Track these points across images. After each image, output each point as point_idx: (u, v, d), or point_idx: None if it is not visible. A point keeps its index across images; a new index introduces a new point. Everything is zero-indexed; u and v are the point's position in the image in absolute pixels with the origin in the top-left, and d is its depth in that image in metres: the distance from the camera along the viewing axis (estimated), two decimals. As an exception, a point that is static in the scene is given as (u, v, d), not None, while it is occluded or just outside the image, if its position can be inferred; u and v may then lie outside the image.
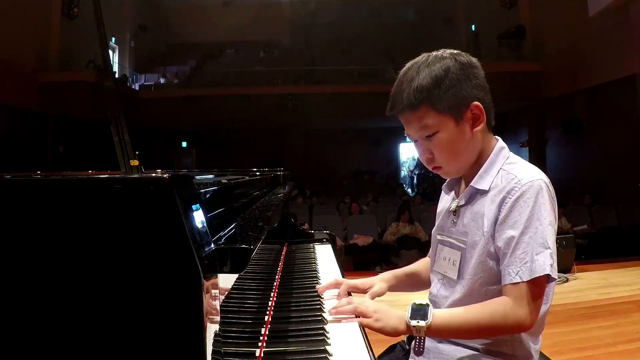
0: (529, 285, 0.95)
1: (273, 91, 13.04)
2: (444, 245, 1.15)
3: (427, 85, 1.01)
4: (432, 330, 0.98)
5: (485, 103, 1.05)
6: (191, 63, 15.49)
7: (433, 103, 1.02)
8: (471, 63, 1.06)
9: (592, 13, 9.04)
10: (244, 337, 0.89)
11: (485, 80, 1.07)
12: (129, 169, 1.29)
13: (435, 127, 1.03)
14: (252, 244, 0.72)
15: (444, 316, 1.00)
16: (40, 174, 0.73)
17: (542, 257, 0.95)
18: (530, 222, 0.96)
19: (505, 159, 1.07)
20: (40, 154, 9.85)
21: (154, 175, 0.62)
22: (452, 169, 1.10)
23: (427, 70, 1.03)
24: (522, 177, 1.00)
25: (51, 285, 0.57)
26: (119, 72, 13.44)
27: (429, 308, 0.99)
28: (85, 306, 0.57)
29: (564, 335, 2.86)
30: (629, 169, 7.98)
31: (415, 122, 1.05)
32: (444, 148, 1.05)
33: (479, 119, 1.05)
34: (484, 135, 1.08)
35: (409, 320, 0.98)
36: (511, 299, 0.96)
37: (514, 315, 0.95)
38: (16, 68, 9.19)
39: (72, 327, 0.57)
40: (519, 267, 0.95)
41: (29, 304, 0.57)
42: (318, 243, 2.03)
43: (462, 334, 1.03)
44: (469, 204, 1.09)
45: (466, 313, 0.99)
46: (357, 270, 5.70)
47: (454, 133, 1.04)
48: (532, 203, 0.97)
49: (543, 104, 11.29)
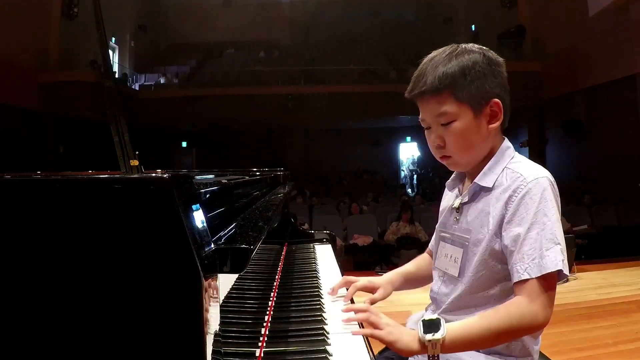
0: (540, 281, 0.93)
1: (273, 91, 13.03)
2: (445, 242, 1.15)
3: (453, 73, 1.02)
4: (448, 342, 0.92)
5: (505, 103, 1.06)
6: (191, 63, 15.49)
7: (456, 91, 1.02)
8: (497, 61, 1.07)
9: (592, 13, 9.03)
10: (244, 337, 0.89)
11: (507, 81, 1.08)
12: (129, 169, 1.30)
13: (453, 116, 1.04)
14: (252, 244, 0.72)
15: (459, 327, 0.95)
16: (40, 174, 0.73)
17: (553, 253, 0.94)
18: (537, 218, 0.96)
19: (511, 158, 1.07)
20: (40, 154, 9.85)
21: (153, 175, 0.62)
22: (461, 160, 1.09)
23: (455, 60, 1.03)
24: (527, 175, 1.00)
25: (51, 286, 0.57)
26: (119, 72, 13.44)
27: (441, 321, 0.94)
28: (85, 306, 0.57)
29: (563, 335, 2.86)
30: (629, 169, 7.97)
31: (434, 107, 1.05)
32: (458, 138, 1.05)
33: (497, 116, 1.05)
34: (496, 134, 1.09)
35: (422, 336, 0.92)
36: (525, 297, 0.94)
37: (530, 313, 0.92)
38: (16, 68, 9.19)
39: (72, 327, 0.57)
40: (527, 264, 0.94)
41: (29, 303, 0.57)
42: (318, 243, 2.03)
43: (480, 343, 0.97)
44: (472, 201, 1.09)
45: (481, 320, 0.95)
46: (357, 270, 5.69)
47: (471, 125, 1.04)
48: (538, 200, 0.97)
49: (543, 104, 11.29)
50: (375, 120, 14.28)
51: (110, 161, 1.39)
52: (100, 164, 1.87)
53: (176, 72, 14.90)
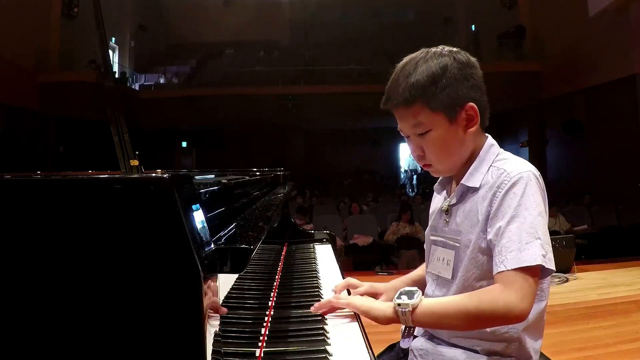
0: (519, 273, 0.92)
1: (273, 91, 13.04)
2: (437, 245, 1.14)
3: (423, 82, 1.01)
4: (418, 313, 0.97)
5: (481, 104, 1.05)
6: (191, 63, 15.50)
7: (428, 101, 1.01)
8: (469, 62, 1.05)
9: (592, 13, 9.04)
10: (244, 337, 0.89)
11: (482, 80, 1.07)
12: (129, 169, 1.30)
13: (428, 125, 1.03)
14: (252, 244, 0.72)
15: (432, 302, 1.00)
16: (40, 174, 0.73)
17: (533, 248, 0.93)
18: (518, 212, 0.96)
19: (495, 155, 1.07)
20: (40, 154, 9.84)
21: (153, 175, 0.62)
22: (442, 167, 1.09)
23: (425, 66, 1.02)
24: (511, 170, 1.00)
25: (51, 285, 0.57)
26: (119, 72, 13.44)
27: (417, 292, 1.00)
28: (86, 306, 0.57)
29: (564, 335, 2.86)
30: (629, 169, 7.97)
31: (408, 119, 1.05)
32: (436, 147, 1.05)
33: (473, 120, 1.04)
34: (477, 136, 1.07)
35: (394, 300, 0.99)
36: (499, 286, 0.94)
37: (503, 301, 0.91)
38: (16, 68, 9.19)
39: (73, 326, 0.57)
40: (505, 256, 0.94)
41: (29, 303, 0.57)
42: (318, 243, 2.03)
43: (450, 321, 0.98)
44: (460, 202, 1.08)
45: (454, 300, 0.99)
46: (357, 270, 5.69)
47: (447, 132, 1.03)
48: (521, 194, 0.97)
49: (543, 104, 11.29)
50: (375, 120, 14.26)
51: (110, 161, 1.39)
52: (100, 164, 1.87)
53: (176, 72, 14.91)
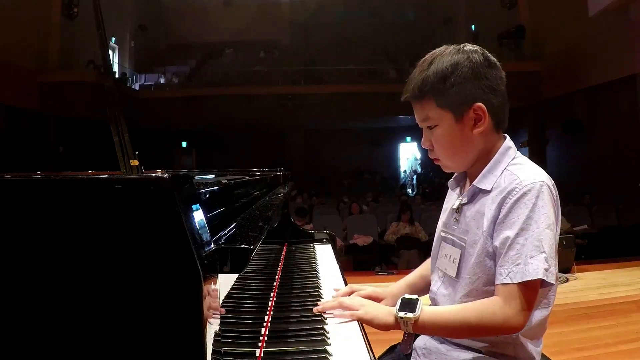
0: (520, 287, 0.94)
1: (273, 91, 13.05)
2: (446, 242, 1.15)
3: (433, 78, 1.03)
4: (420, 325, 0.99)
5: (492, 105, 1.04)
6: (191, 63, 15.50)
7: (436, 97, 1.03)
8: (487, 63, 1.05)
9: (592, 13, 9.03)
10: (244, 337, 0.89)
11: (502, 81, 1.06)
12: (129, 169, 1.30)
13: (435, 121, 1.05)
14: (252, 244, 0.72)
15: (433, 312, 1.01)
16: (40, 174, 0.73)
17: (536, 261, 0.94)
18: (527, 224, 0.95)
19: (511, 159, 1.06)
20: (40, 154, 9.84)
21: (153, 175, 0.62)
22: (449, 163, 1.11)
23: (439, 62, 1.04)
24: (524, 179, 0.99)
25: (51, 285, 0.57)
26: (119, 72, 13.44)
27: (418, 302, 1.00)
28: (85, 306, 0.57)
29: (564, 335, 2.86)
30: (629, 169, 7.97)
31: (419, 112, 1.08)
32: (441, 143, 1.07)
33: (481, 120, 1.04)
34: (488, 136, 1.06)
35: (397, 312, 1.00)
36: (501, 299, 0.95)
37: (502, 314, 0.94)
38: (16, 68, 9.19)
39: (73, 327, 0.57)
40: (511, 269, 0.95)
41: (29, 303, 0.57)
42: (318, 243, 2.03)
43: (450, 331, 1.03)
44: (471, 202, 1.09)
45: (455, 310, 1.01)
46: (357, 270, 5.69)
47: (452, 130, 1.04)
48: (532, 205, 0.96)
49: (543, 104, 11.29)
50: (375, 120, 14.29)
51: (110, 161, 1.39)
52: (100, 164, 1.87)
53: (176, 72, 14.90)
